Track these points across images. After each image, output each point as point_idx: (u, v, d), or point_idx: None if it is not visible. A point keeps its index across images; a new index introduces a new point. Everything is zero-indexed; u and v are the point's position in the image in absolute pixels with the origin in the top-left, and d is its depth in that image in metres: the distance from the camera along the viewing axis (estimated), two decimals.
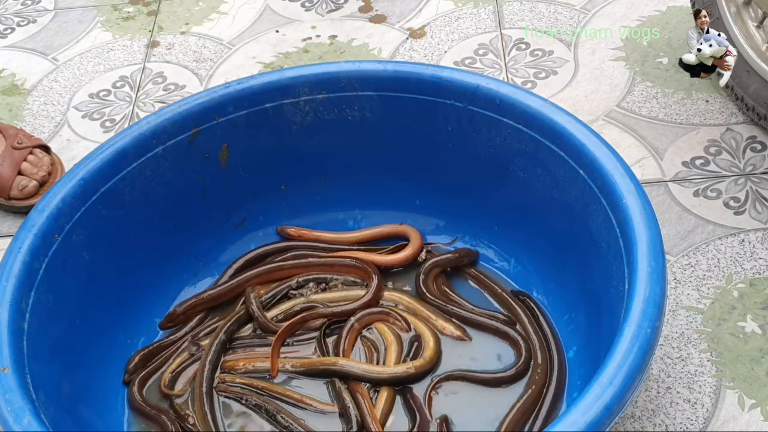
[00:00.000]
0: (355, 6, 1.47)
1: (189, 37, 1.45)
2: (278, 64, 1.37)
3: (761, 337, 0.95)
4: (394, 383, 0.90)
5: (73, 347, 0.88)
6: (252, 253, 1.04)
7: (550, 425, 0.68)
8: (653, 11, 1.37)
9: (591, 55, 1.31)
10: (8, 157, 1.17)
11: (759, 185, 1.10)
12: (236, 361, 0.94)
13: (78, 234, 0.89)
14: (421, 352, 0.92)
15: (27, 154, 1.18)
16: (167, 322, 0.98)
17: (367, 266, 0.99)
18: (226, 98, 0.97)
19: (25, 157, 1.18)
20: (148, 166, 0.95)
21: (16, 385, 0.74)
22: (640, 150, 1.16)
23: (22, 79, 1.41)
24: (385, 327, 0.95)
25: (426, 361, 0.91)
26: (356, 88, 0.98)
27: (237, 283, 1.00)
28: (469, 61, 1.33)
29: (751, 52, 1.13)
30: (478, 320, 0.95)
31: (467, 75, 0.95)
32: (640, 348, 0.70)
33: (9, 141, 1.19)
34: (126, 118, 1.31)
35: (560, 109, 0.90)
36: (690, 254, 1.04)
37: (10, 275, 0.82)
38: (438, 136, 0.98)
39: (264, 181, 1.04)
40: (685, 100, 1.22)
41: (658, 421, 0.89)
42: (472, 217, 1.02)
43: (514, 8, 1.41)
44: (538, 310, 0.95)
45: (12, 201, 1.17)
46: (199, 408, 0.90)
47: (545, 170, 0.91)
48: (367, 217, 1.07)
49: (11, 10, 1.55)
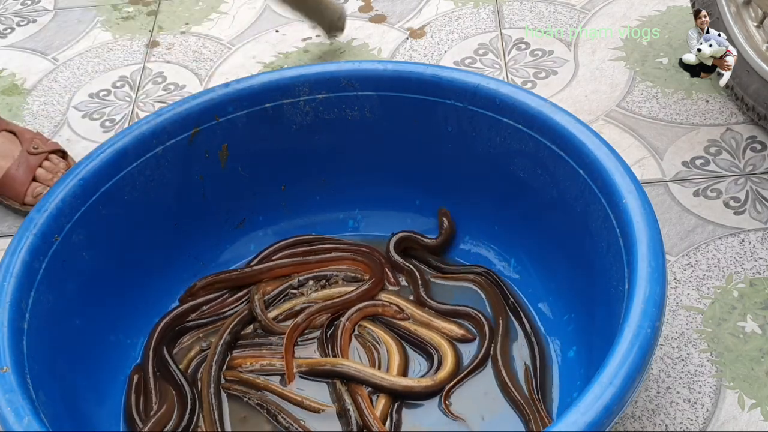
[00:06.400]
0: (355, 6, 1.47)
1: (189, 37, 1.45)
2: (278, 64, 1.37)
3: (761, 337, 0.95)
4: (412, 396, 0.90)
5: (73, 347, 0.88)
6: (286, 241, 1.05)
7: (550, 425, 0.68)
8: (653, 11, 1.37)
9: (591, 55, 1.31)
10: (24, 162, 1.17)
11: (759, 185, 1.10)
12: (243, 359, 0.94)
13: (78, 234, 0.89)
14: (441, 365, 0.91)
15: (42, 160, 1.18)
16: (187, 296, 1.00)
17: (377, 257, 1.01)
18: (226, 98, 0.97)
19: (40, 163, 1.17)
20: (148, 166, 0.95)
21: (16, 385, 0.74)
22: (640, 150, 1.16)
23: (22, 79, 1.41)
24: (385, 334, 0.95)
25: (448, 374, 0.90)
26: (356, 88, 0.98)
27: (260, 270, 1.01)
28: (469, 61, 1.33)
29: (751, 52, 1.13)
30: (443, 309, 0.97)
31: (467, 75, 0.95)
32: (640, 348, 0.70)
33: (25, 146, 1.18)
34: (126, 118, 1.31)
35: (560, 109, 0.90)
36: (690, 254, 1.04)
37: (10, 275, 0.82)
38: (438, 136, 0.98)
39: (264, 181, 1.04)
40: (685, 100, 1.23)
41: (658, 421, 0.89)
42: (472, 217, 1.02)
43: (514, 8, 1.41)
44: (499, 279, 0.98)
45: (27, 207, 1.16)
46: (207, 408, 0.90)
47: (545, 170, 0.91)
48: (367, 217, 1.07)
49: (11, 10, 1.55)
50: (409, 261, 1.01)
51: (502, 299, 0.97)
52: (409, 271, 1.00)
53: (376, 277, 0.99)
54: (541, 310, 0.96)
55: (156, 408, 0.90)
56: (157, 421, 0.88)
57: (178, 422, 0.89)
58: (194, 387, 0.92)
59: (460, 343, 0.94)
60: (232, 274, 1.02)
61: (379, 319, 0.97)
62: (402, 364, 0.92)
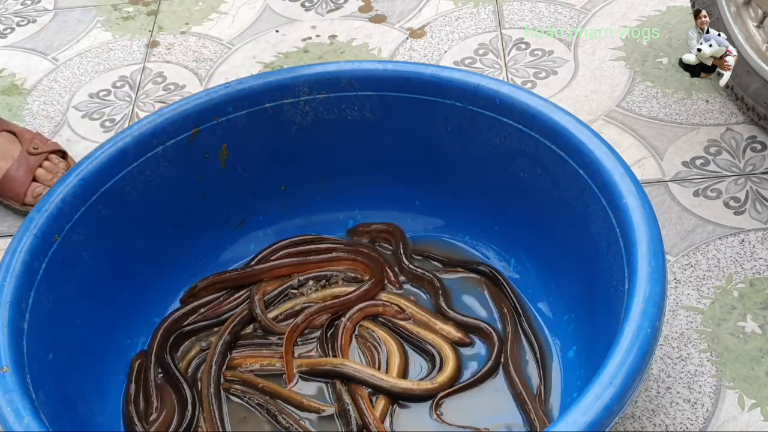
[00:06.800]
0: (355, 6, 1.47)
1: (189, 37, 1.45)
2: (278, 64, 1.37)
3: (761, 337, 0.95)
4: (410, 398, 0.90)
5: (73, 347, 0.87)
6: (285, 241, 1.04)
7: (550, 425, 0.68)
8: (653, 11, 1.37)
9: (591, 55, 1.31)
10: (24, 162, 1.17)
11: (759, 185, 1.10)
12: (243, 359, 0.94)
13: (78, 234, 0.89)
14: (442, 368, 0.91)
15: (42, 160, 1.18)
16: (188, 297, 1.00)
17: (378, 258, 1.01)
18: (226, 98, 0.97)
19: (40, 163, 1.17)
20: (148, 166, 0.95)
21: (16, 385, 0.74)
22: (640, 150, 1.16)
23: (21, 79, 1.40)
24: (386, 334, 0.95)
25: (448, 378, 0.90)
26: (356, 88, 0.98)
27: (260, 270, 1.01)
28: (469, 61, 1.33)
29: (751, 52, 1.13)
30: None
31: (467, 75, 0.95)
32: (640, 348, 0.70)
33: (25, 146, 1.18)
34: (126, 118, 1.31)
35: (560, 109, 0.90)
36: (690, 254, 1.04)
37: (10, 275, 0.82)
38: (438, 136, 0.98)
39: (264, 181, 1.04)
40: (685, 100, 1.23)
41: (658, 421, 0.89)
42: (472, 217, 1.02)
43: (514, 8, 1.41)
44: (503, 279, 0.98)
45: (27, 207, 1.16)
46: (207, 409, 0.90)
47: (545, 170, 0.91)
48: (367, 217, 1.06)
49: (11, 10, 1.55)
50: (427, 270, 1.00)
51: (509, 303, 0.96)
52: (429, 281, 0.99)
53: (376, 277, 0.99)
54: (541, 310, 0.96)
55: (156, 416, 0.90)
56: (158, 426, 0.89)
57: (178, 423, 0.89)
58: (194, 388, 0.92)
59: (457, 346, 0.94)
60: (233, 274, 1.02)
61: (380, 320, 0.97)
62: (402, 364, 0.92)
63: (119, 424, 0.90)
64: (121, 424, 0.90)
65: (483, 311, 0.97)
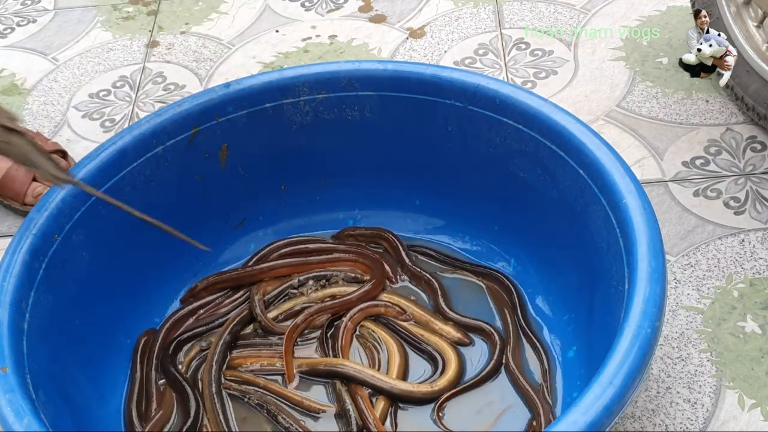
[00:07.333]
0: (355, 6, 1.47)
1: (189, 37, 1.45)
2: (278, 64, 1.37)
3: (761, 337, 0.95)
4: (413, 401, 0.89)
5: (73, 347, 0.88)
6: (283, 240, 1.05)
7: (550, 425, 0.68)
8: (653, 11, 1.37)
9: (591, 55, 1.31)
10: None
11: (759, 185, 1.10)
12: (243, 359, 0.94)
13: (78, 234, 0.89)
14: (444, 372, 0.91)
15: None
16: (189, 297, 1.00)
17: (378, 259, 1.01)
18: (226, 98, 0.97)
19: None
20: (148, 166, 0.95)
21: (16, 385, 0.74)
22: (640, 150, 1.16)
23: (21, 79, 1.40)
24: (387, 335, 0.95)
25: (449, 382, 0.90)
26: (356, 88, 0.98)
27: (260, 270, 1.01)
28: (469, 61, 1.33)
29: (751, 52, 1.13)
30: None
31: (467, 75, 0.95)
32: (640, 348, 0.70)
33: None
34: (126, 118, 1.31)
35: (560, 109, 0.90)
36: (690, 254, 1.04)
37: (10, 275, 0.82)
38: (438, 136, 0.98)
39: (264, 181, 1.04)
40: (685, 100, 1.23)
41: (658, 421, 0.89)
42: (472, 217, 1.02)
43: (514, 8, 1.41)
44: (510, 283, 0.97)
45: (27, 207, 1.16)
46: (210, 408, 0.89)
47: (545, 170, 0.91)
48: (367, 217, 1.06)
49: (11, 10, 1.55)
50: (425, 270, 1.00)
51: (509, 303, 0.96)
52: (427, 281, 0.99)
53: (376, 278, 0.99)
54: (541, 309, 0.96)
55: (155, 415, 0.90)
56: (157, 422, 0.89)
57: (182, 423, 0.89)
58: (195, 389, 0.92)
59: (457, 346, 0.94)
60: (233, 274, 1.02)
61: (381, 320, 0.97)
62: (402, 365, 0.92)
63: (119, 424, 0.90)
64: (122, 423, 0.90)
65: (483, 311, 0.97)
